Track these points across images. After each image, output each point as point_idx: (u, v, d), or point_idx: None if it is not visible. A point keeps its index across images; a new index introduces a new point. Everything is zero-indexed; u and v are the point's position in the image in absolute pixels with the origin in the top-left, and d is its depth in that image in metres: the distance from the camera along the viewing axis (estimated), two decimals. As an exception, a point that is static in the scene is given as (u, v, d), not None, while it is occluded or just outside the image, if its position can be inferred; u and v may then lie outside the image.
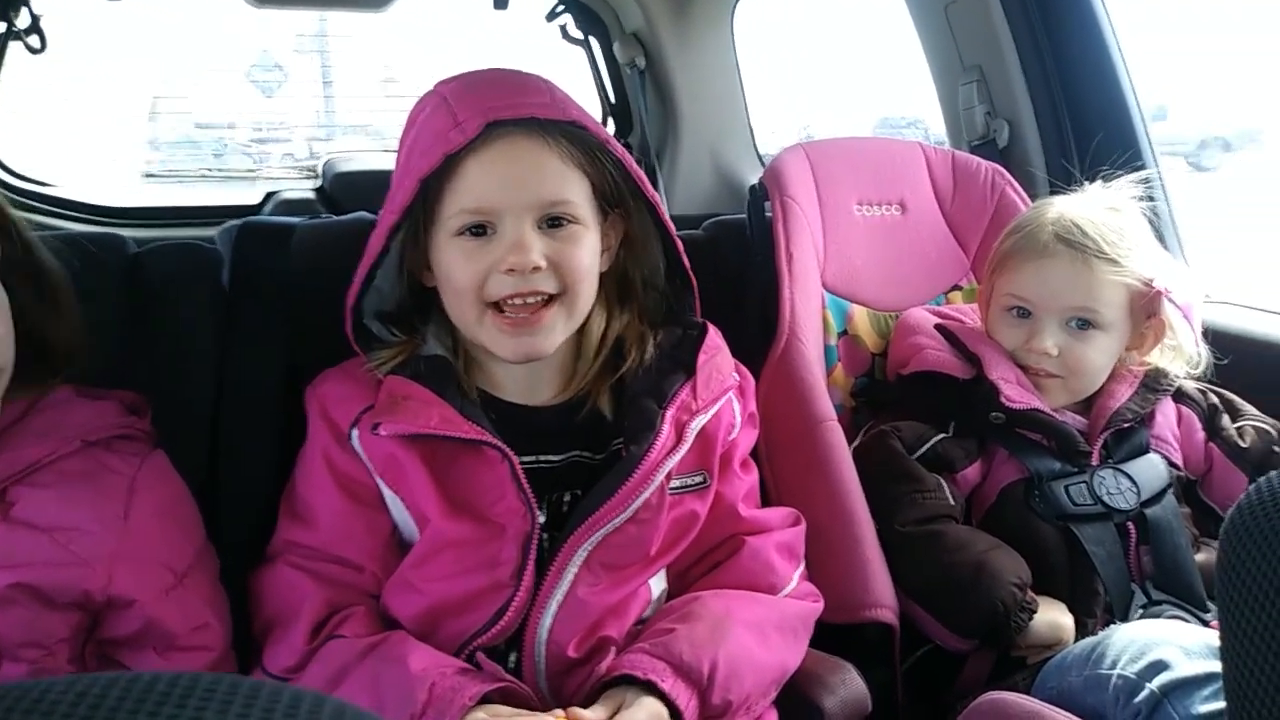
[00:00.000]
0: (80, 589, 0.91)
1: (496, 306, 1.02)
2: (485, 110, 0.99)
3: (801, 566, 1.16)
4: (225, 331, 1.17)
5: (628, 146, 2.72)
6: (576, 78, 2.71)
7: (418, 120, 1.06)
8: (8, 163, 2.15)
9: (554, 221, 1.03)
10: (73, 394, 1.00)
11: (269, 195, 2.58)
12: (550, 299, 1.03)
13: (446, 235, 1.03)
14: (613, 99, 2.74)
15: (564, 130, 1.03)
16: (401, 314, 1.11)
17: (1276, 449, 1.38)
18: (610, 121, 2.77)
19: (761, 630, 1.03)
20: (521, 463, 1.02)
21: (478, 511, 1.01)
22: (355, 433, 1.05)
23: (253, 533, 1.07)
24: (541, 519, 1.02)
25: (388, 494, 1.05)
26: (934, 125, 2.19)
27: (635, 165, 1.08)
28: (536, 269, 1.00)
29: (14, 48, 1.91)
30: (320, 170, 2.72)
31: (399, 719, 0.89)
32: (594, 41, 2.69)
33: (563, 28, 2.66)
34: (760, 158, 2.67)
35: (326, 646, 0.98)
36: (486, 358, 1.10)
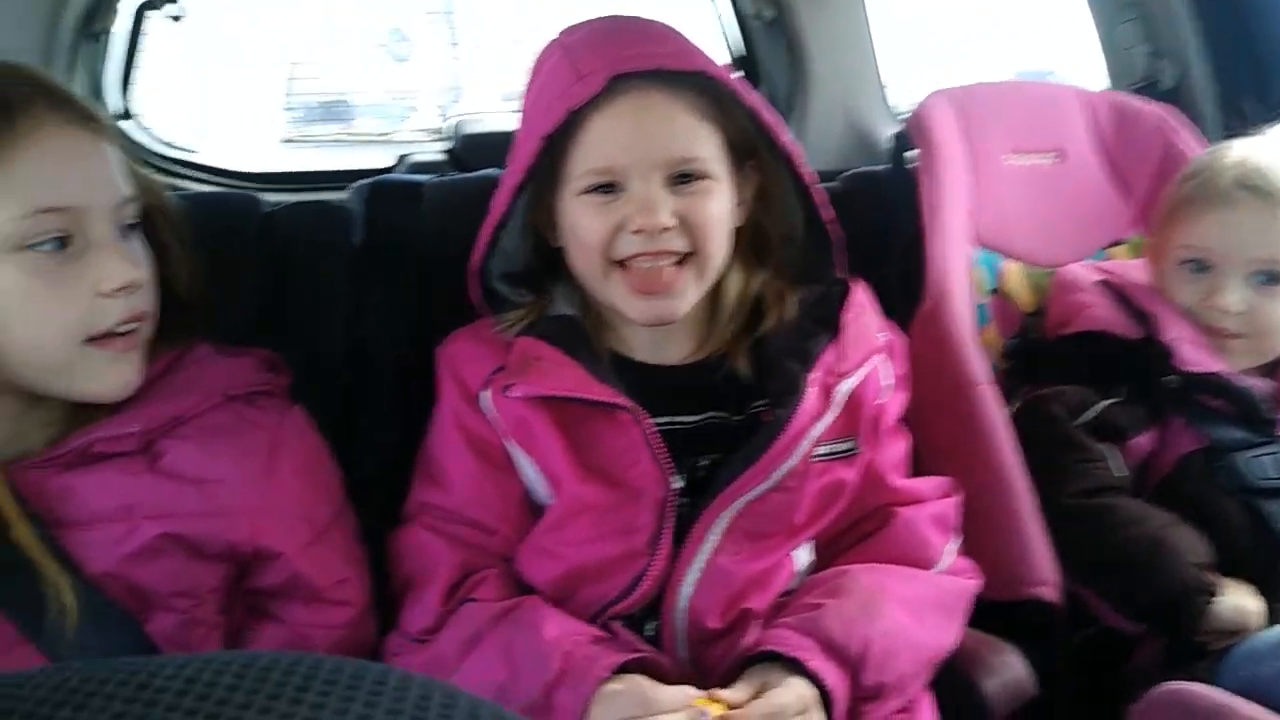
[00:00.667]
0: (226, 540, 0.92)
1: (623, 264, 0.98)
2: (610, 62, 0.94)
3: (957, 540, 1.08)
4: (357, 291, 1.16)
5: (756, 101, 2.64)
6: (700, 32, 2.63)
7: (539, 74, 1.02)
8: (153, 130, 2.22)
9: (683, 178, 0.97)
10: (212, 351, 1.01)
11: (401, 158, 2.59)
12: (681, 259, 0.97)
13: (572, 194, 0.99)
14: (740, 52, 2.64)
15: (692, 80, 0.97)
16: (528, 275, 1.07)
17: None
18: (741, 76, 2.67)
19: (917, 608, 0.96)
20: (656, 424, 0.98)
21: (612, 476, 0.97)
22: (486, 394, 1.02)
23: (388, 493, 1.05)
24: (679, 484, 0.97)
25: (519, 456, 1.01)
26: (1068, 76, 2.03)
27: (769, 114, 1.01)
28: (666, 229, 0.95)
29: (155, 18, 1.95)
30: (449, 132, 2.71)
31: (532, 687, 0.86)
32: (720, -6, 2.59)
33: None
34: (892, 111, 2.55)
35: (461, 610, 0.95)
36: (616, 317, 1.05)
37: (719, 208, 0.99)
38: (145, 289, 0.92)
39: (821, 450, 1.00)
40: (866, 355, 1.03)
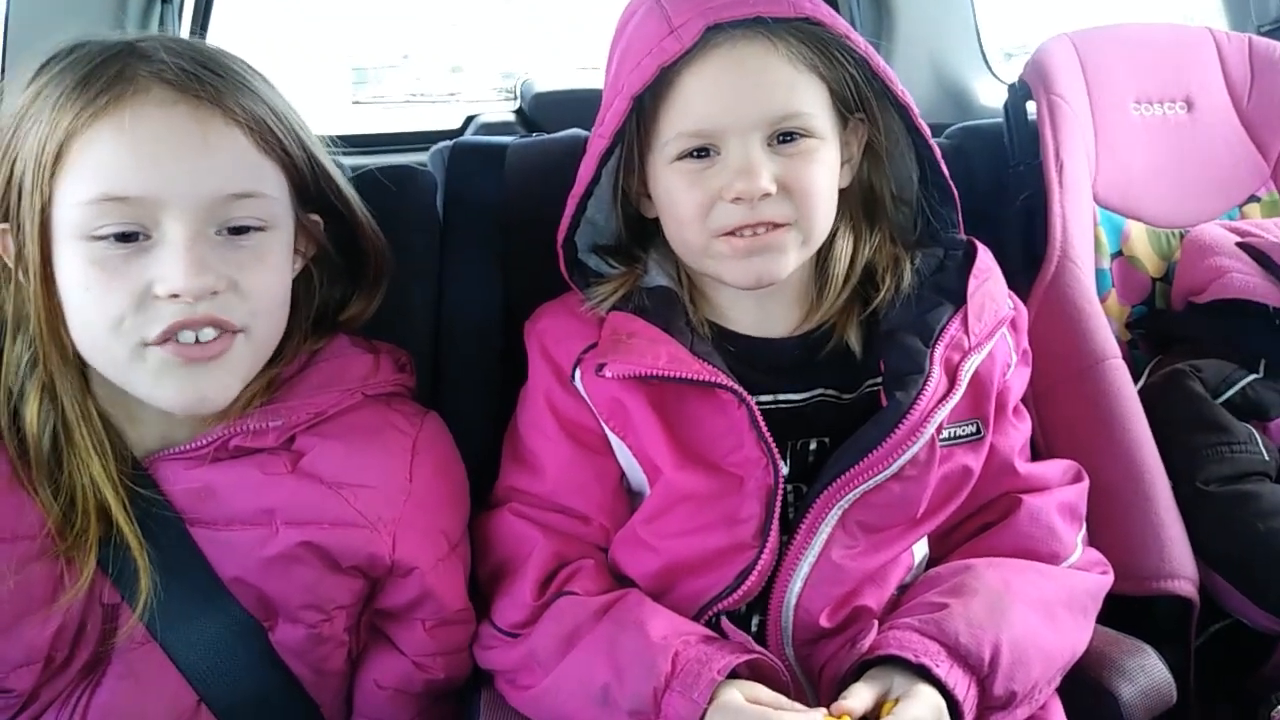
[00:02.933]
0: (367, 552, 0.87)
1: (723, 236, 0.90)
2: (704, 11, 0.86)
3: (1084, 530, 0.99)
4: (441, 258, 1.10)
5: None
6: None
7: (627, 27, 0.93)
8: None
9: (785, 137, 0.88)
10: (349, 344, 0.95)
11: (469, 119, 2.54)
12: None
13: (665, 160, 0.91)
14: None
15: (794, 28, 0.88)
16: (619, 247, 1.00)
17: None
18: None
19: (1048, 608, 0.88)
20: (759, 403, 0.90)
21: (712, 461, 0.90)
22: (578, 373, 0.95)
23: (477, 472, 1.00)
24: (785, 470, 0.90)
25: (614, 440, 0.95)
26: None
27: (882, 62, 0.91)
28: (766, 194, 0.86)
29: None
30: (518, 91, 2.65)
31: (641, 690, 0.80)
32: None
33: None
34: (988, 62, 2.40)
35: (558, 604, 0.90)
36: (715, 288, 0.97)
37: (824, 169, 0.90)
38: (238, 298, 0.82)
39: (945, 434, 0.92)
40: (995, 327, 0.94)
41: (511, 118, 2.57)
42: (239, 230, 0.82)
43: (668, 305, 0.96)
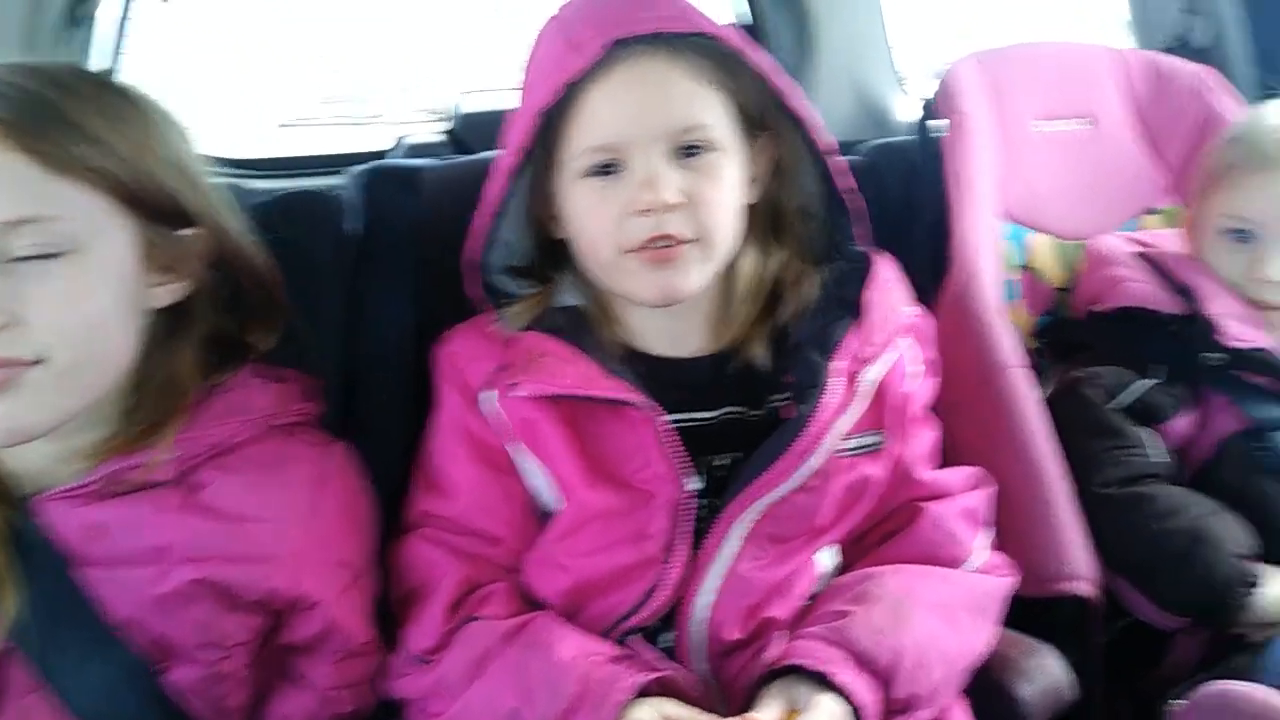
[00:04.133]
0: (265, 587, 0.86)
1: (634, 253, 0.91)
2: (604, 28, 0.88)
3: (989, 534, 1.02)
4: (354, 285, 1.10)
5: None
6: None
7: (536, 48, 0.95)
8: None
9: (689, 150, 0.90)
10: (251, 374, 0.94)
11: (399, 140, 2.53)
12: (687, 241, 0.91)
13: (572, 178, 0.92)
14: (745, 19, 2.56)
15: (695, 43, 0.90)
16: (533, 268, 1.01)
17: None
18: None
19: (949, 611, 0.91)
20: (670, 421, 0.92)
21: (622, 478, 0.92)
22: (489, 394, 0.96)
23: (390, 499, 1.00)
24: (697, 485, 0.92)
25: (525, 460, 0.96)
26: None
27: (779, 77, 0.94)
28: (671, 206, 0.88)
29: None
30: (449, 112, 2.65)
31: (548, 713, 0.81)
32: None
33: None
34: (901, 82, 2.46)
35: (467, 628, 0.90)
36: (626, 308, 0.99)
37: (727, 183, 0.92)
38: (20, 331, 0.77)
39: (848, 445, 0.94)
40: (893, 337, 0.97)
41: (442, 138, 2.56)
42: (24, 258, 0.78)
43: (580, 325, 0.97)
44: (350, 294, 1.10)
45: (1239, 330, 1.14)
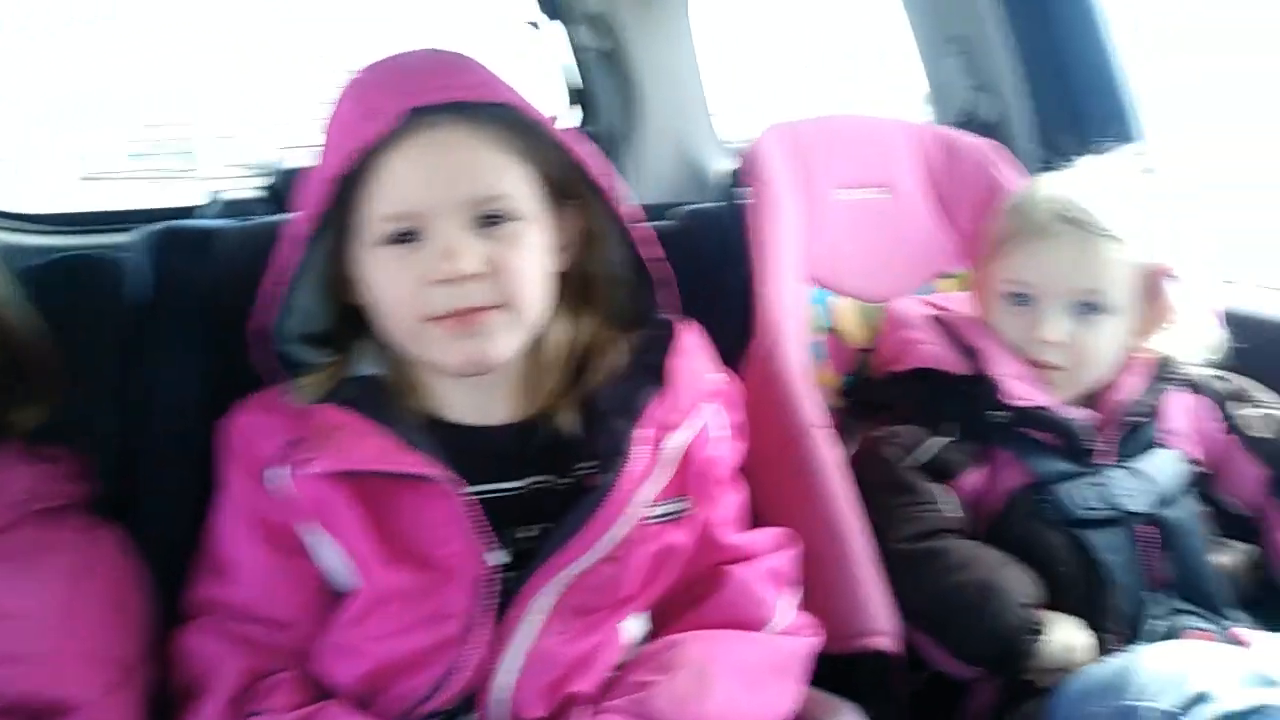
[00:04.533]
0: (20, 689, 0.79)
1: (437, 321, 0.90)
2: (403, 96, 0.87)
3: (795, 594, 1.04)
4: (137, 354, 1.04)
5: (593, 136, 2.60)
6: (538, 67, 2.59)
7: (333, 113, 0.94)
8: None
9: (491, 220, 0.90)
10: (14, 454, 0.87)
11: (214, 196, 2.43)
12: (494, 308, 0.90)
13: (370, 245, 0.90)
14: (576, 86, 2.60)
15: (498, 115, 0.90)
16: (330, 336, 0.98)
17: (1297, 439, 1.28)
18: (579, 110, 2.63)
19: (751, 676, 0.92)
20: (474, 493, 0.90)
21: (423, 556, 0.89)
22: (279, 472, 0.91)
23: (174, 585, 0.94)
24: (503, 559, 0.90)
25: (319, 540, 0.92)
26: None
27: (579, 149, 0.95)
28: (472, 277, 0.87)
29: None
30: (269, 167, 2.57)
31: None
32: (555, 26, 2.55)
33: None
34: (721, 144, 2.56)
35: None
36: (430, 376, 0.97)
37: (531, 252, 0.92)
38: None
39: (654, 513, 0.94)
40: (697, 403, 0.98)
41: (262, 194, 2.48)
42: None
43: (378, 395, 0.94)
44: (133, 365, 1.04)
45: (1021, 389, 1.21)
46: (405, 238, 0.89)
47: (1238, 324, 1.30)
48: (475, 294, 0.88)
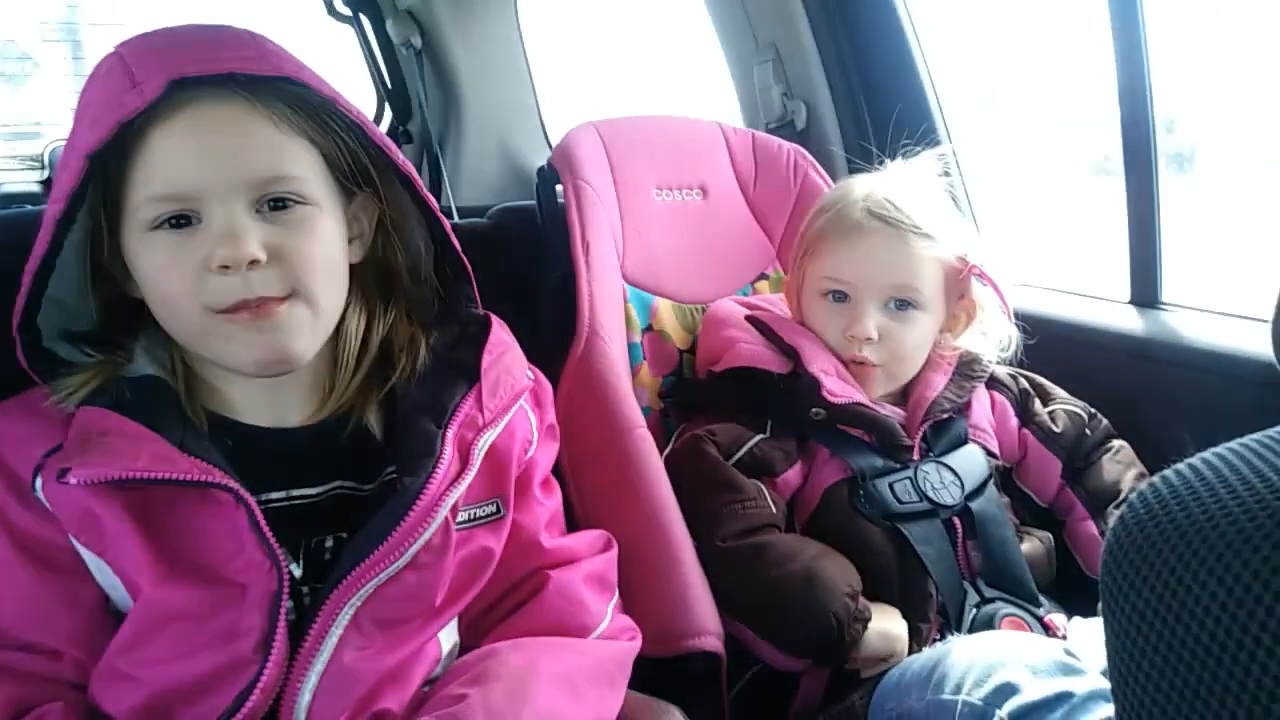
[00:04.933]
0: None
1: (225, 314, 0.82)
2: (170, 65, 0.79)
3: (615, 598, 1.01)
4: None
5: (407, 134, 2.51)
6: (348, 64, 2.48)
7: (91, 85, 0.84)
8: None
9: (277, 203, 0.83)
10: None
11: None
12: (284, 299, 0.83)
13: (140, 230, 0.81)
14: (388, 83, 2.51)
15: (277, 90, 0.83)
16: (100, 332, 0.88)
17: (1088, 432, 1.35)
18: (387, 108, 2.54)
19: (572, 683, 0.87)
20: (269, 501, 0.83)
21: (210, 571, 0.80)
22: (40, 482, 0.81)
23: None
24: (297, 571, 0.83)
25: (89, 557, 0.82)
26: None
27: (378, 130, 0.89)
28: (255, 262, 0.80)
29: None
30: (46, 160, 2.37)
31: None
32: (364, 19, 2.45)
33: (329, 2, 2.41)
34: (550, 144, 2.52)
35: None
36: (218, 374, 0.89)
37: (322, 239, 0.85)
38: None
39: (462, 516, 0.89)
40: (510, 402, 0.93)
41: (37, 188, 2.29)
42: None
43: (155, 397, 0.85)
44: None
45: (837, 386, 1.22)
46: (180, 222, 0.81)
47: (1026, 321, 1.36)
48: (259, 283, 0.81)
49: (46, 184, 2.29)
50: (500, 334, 0.97)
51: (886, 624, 1.13)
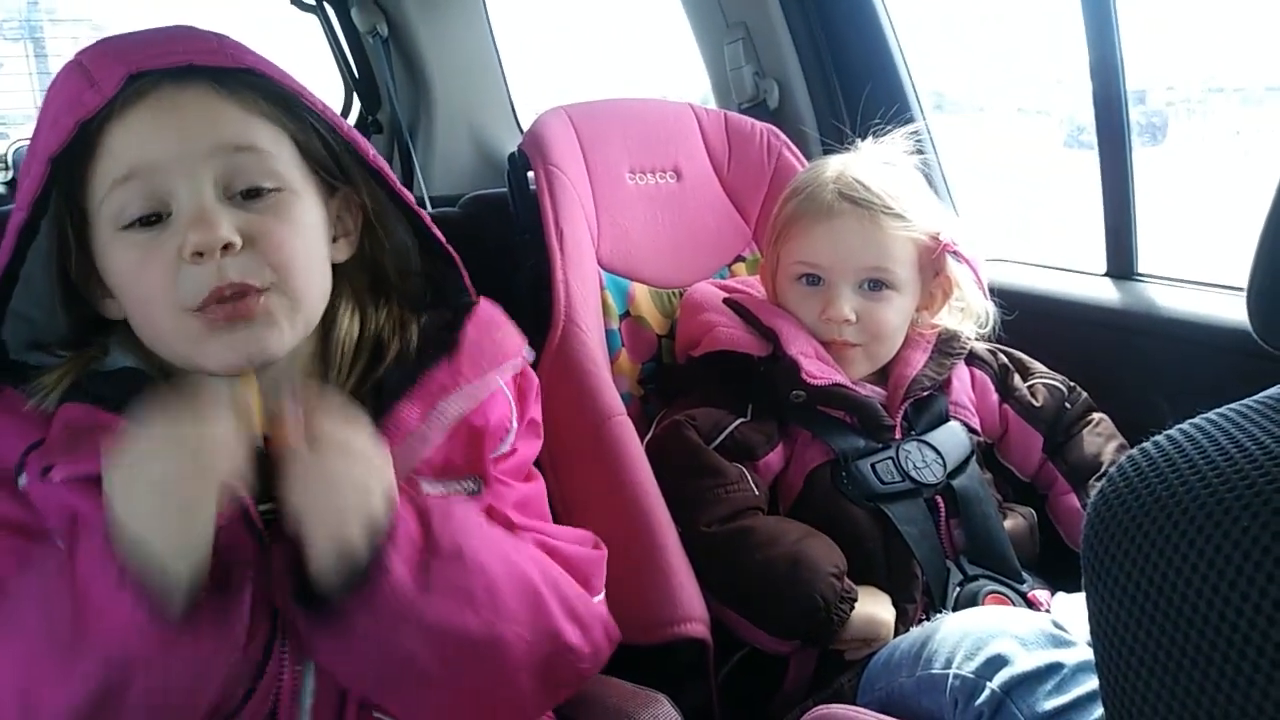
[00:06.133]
0: None
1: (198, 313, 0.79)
2: (127, 60, 0.77)
3: (599, 599, 0.99)
4: None
5: (377, 124, 2.48)
6: (316, 57, 2.45)
7: (50, 91, 0.82)
8: None
9: (251, 193, 0.80)
10: None
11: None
12: (265, 291, 0.80)
13: (109, 230, 0.79)
14: (356, 73, 2.48)
15: (244, 81, 0.81)
16: (68, 345, 0.86)
17: (1068, 406, 1.35)
18: (355, 99, 2.51)
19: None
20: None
21: None
22: (23, 479, 0.79)
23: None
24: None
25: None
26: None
27: (346, 124, 0.87)
28: (229, 246, 0.77)
29: None
30: (10, 160, 2.32)
31: None
32: (329, 8, 2.42)
33: (292, -9, 2.37)
34: (522, 130, 2.50)
35: None
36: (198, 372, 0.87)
37: (300, 227, 0.82)
38: None
39: (439, 490, 0.86)
40: (488, 369, 0.90)
41: (2, 190, 2.24)
42: None
43: (137, 390, 0.83)
44: None
45: (816, 368, 1.22)
46: (150, 220, 0.79)
47: (1003, 296, 1.36)
48: (234, 269, 0.78)
49: (11, 185, 2.24)
50: (490, 311, 0.95)
51: (871, 607, 1.13)
